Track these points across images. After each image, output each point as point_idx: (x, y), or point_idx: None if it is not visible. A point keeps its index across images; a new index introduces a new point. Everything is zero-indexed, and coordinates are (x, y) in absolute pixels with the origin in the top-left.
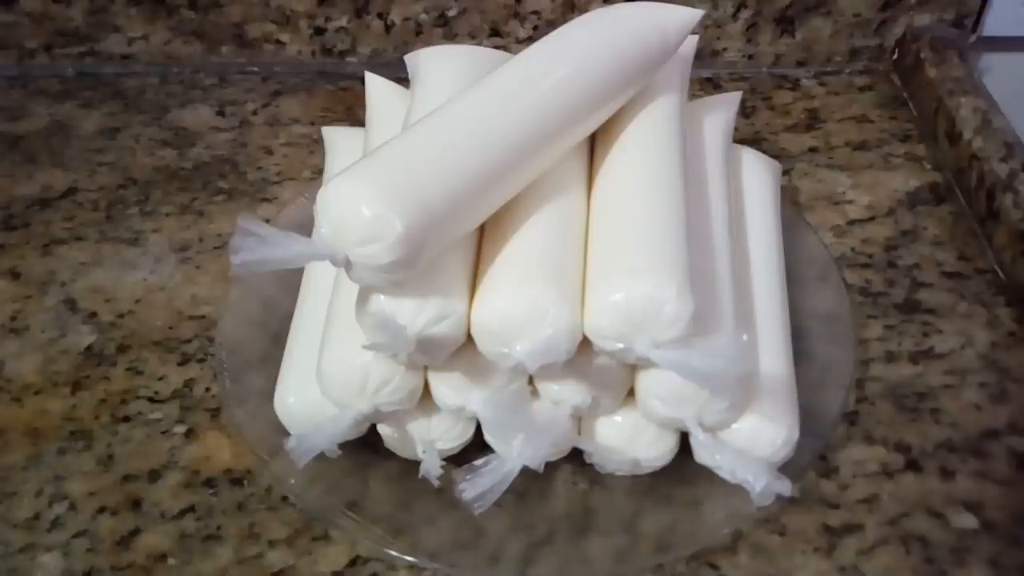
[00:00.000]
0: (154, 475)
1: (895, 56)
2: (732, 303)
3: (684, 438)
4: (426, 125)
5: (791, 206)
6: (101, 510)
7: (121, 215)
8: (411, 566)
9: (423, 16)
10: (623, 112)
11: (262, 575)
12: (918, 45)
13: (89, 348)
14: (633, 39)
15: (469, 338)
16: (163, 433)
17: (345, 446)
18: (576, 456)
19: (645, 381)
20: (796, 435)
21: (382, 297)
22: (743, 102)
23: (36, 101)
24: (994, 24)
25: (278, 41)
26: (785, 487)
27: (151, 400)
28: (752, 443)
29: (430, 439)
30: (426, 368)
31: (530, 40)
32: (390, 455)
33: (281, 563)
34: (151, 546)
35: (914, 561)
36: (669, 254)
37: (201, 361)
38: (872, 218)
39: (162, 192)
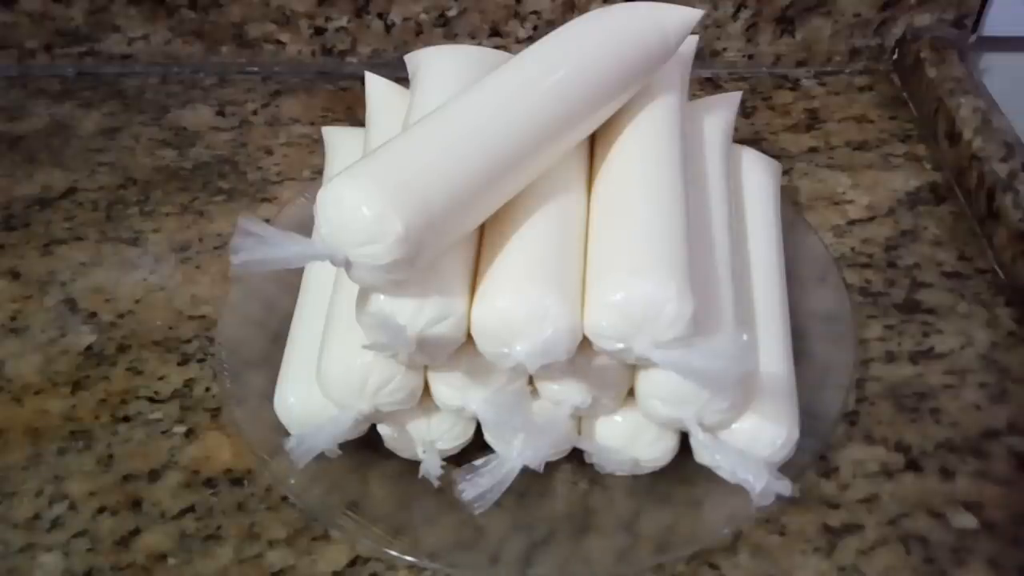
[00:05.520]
0: (154, 475)
1: (895, 56)
2: (732, 303)
3: (684, 438)
4: (426, 125)
5: (791, 206)
6: (101, 510)
7: (121, 215)
8: (411, 566)
9: (423, 16)
10: (623, 112)
11: (262, 575)
12: (918, 45)
13: (89, 348)
14: (633, 39)
15: (469, 338)
16: (163, 433)
17: (345, 446)
18: (576, 456)
19: (645, 381)
20: (796, 435)
21: (382, 297)
22: (743, 102)
23: (36, 101)
24: (994, 24)
25: (278, 41)
26: (785, 487)
27: (151, 400)
28: (752, 443)
29: (430, 439)
30: (426, 368)
31: (530, 40)
32: (390, 455)
33: (281, 563)
34: (151, 546)
35: (914, 561)
36: (669, 254)
37: (201, 361)
38: (872, 218)
39: (162, 192)
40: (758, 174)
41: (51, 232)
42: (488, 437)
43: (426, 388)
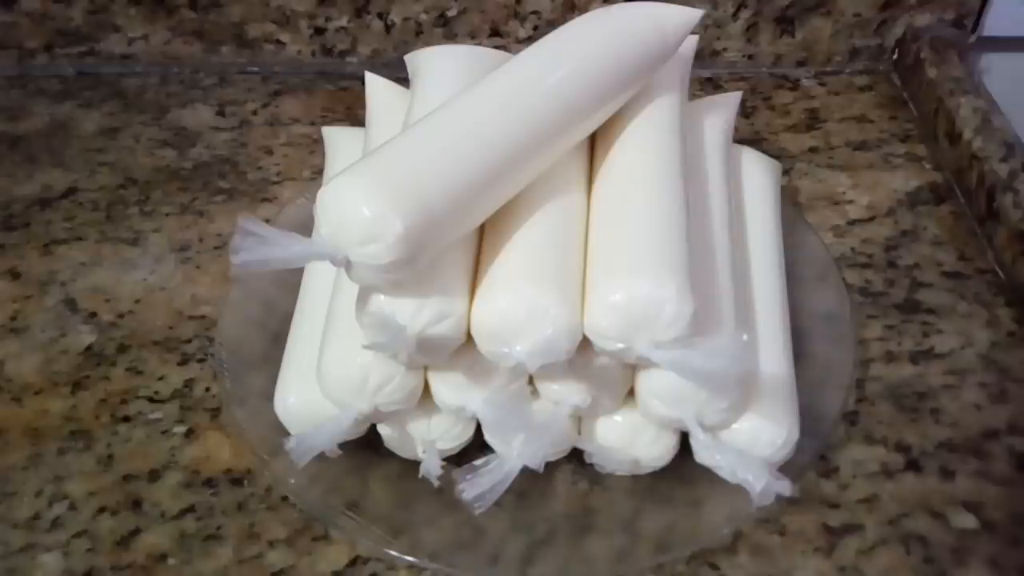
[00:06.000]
0: (154, 475)
1: (895, 56)
2: (732, 303)
3: (684, 438)
4: (426, 125)
5: (791, 206)
6: (101, 510)
7: (121, 215)
8: (411, 566)
9: (423, 16)
10: (623, 112)
11: (262, 575)
12: (918, 45)
13: (89, 348)
14: (632, 39)
15: (469, 338)
16: (163, 433)
17: (345, 446)
18: (576, 456)
19: (645, 381)
20: (796, 435)
21: (382, 297)
22: (743, 102)
23: (36, 101)
24: (994, 24)
25: (278, 41)
26: (785, 487)
27: (151, 400)
28: (752, 443)
29: (430, 439)
30: (426, 368)
31: (530, 40)
32: (390, 455)
33: (281, 563)
34: (151, 546)
35: (914, 561)
36: (669, 254)
37: (201, 361)
38: (872, 218)
39: (162, 192)
40: (758, 174)
41: (51, 232)
42: (488, 437)
43: (426, 388)
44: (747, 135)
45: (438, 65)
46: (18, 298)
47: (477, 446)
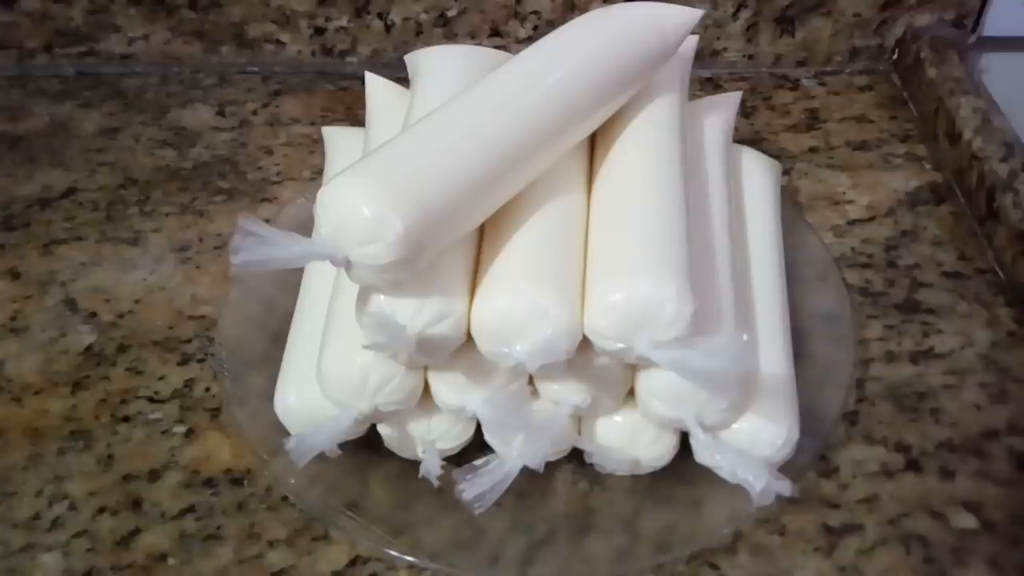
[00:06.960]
0: (154, 475)
1: (895, 56)
2: (732, 303)
3: (684, 438)
4: (426, 125)
5: (791, 206)
6: (101, 510)
7: (121, 215)
8: (411, 566)
9: (423, 16)
10: (623, 112)
11: (262, 575)
12: (918, 45)
13: (89, 348)
14: (632, 39)
15: (469, 338)
16: (163, 433)
17: (345, 446)
18: (576, 456)
19: (645, 381)
20: (796, 435)
21: (382, 297)
22: (743, 102)
23: (36, 101)
24: (994, 24)
25: (278, 41)
26: (785, 487)
27: (151, 400)
28: (752, 443)
29: (430, 439)
30: (426, 368)
31: (530, 40)
32: (390, 455)
33: (281, 563)
34: (151, 546)
35: (914, 561)
36: (669, 254)
37: (201, 361)
38: (872, 218)
39: (162, 192)
40: (758, 174)
41: (51, 232)
42: (488, 437)
43: (426, 388)
44: (747, 135)
45: (438, 65)
46: (18, 298)
47: (477, 446)
